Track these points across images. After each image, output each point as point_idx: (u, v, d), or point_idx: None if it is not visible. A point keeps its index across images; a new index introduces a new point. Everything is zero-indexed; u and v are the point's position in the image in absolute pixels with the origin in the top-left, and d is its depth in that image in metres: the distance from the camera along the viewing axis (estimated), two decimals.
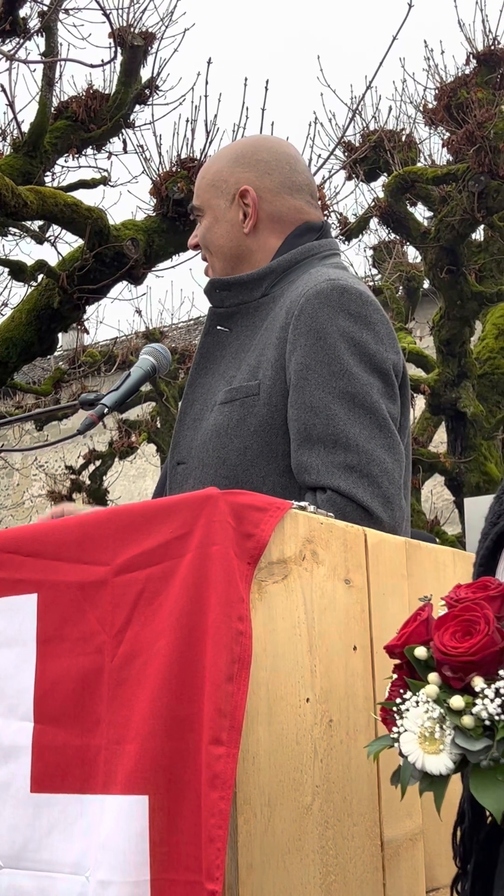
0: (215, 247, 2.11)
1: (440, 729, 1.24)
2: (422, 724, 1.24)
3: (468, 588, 1.30)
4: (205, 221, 2.12)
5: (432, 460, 8.33)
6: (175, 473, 2.05)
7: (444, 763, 1.23)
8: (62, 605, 1.61)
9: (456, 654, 1.24)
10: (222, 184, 2.09)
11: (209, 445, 1.97)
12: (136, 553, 1.55)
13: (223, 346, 2.06)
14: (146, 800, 1.45)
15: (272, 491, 1.89)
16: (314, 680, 1.57)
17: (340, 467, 1.86)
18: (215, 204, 2.10)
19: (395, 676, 1.35)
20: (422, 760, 1.24)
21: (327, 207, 7.04)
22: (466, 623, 1.25)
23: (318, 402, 1.87)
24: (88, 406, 2.05)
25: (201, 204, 2.13)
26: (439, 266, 7.89)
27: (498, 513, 1.48)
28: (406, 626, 1.34)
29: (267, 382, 1.93)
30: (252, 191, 2.07)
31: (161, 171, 6.44)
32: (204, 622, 1.46)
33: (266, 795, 1.47)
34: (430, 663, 1.28)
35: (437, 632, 1.26)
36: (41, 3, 6.70)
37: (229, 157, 2.13)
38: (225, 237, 2.09)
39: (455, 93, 8.19)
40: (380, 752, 1.36)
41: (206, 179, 2.12)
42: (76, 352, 9.64)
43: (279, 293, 2.02)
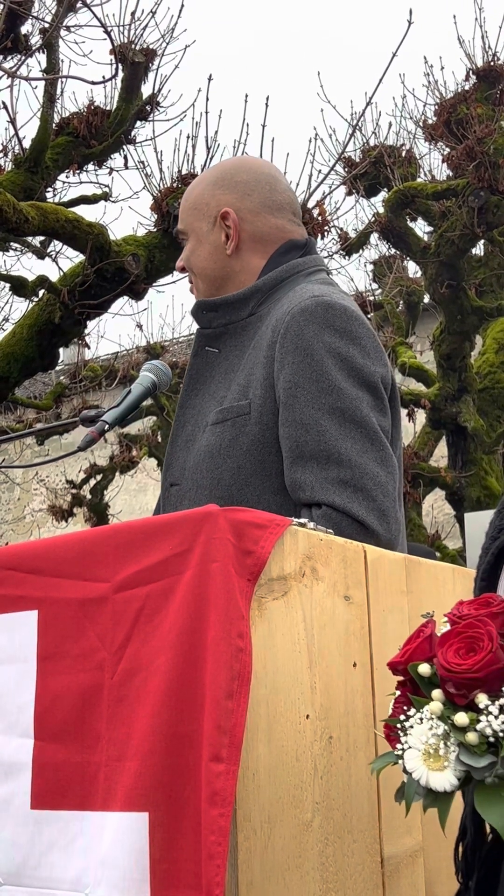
0: (199, 269, 2.13)
1: (444, 745, 1.24)
2: (426, 740, 1.25)
3: (471, 604, 1.30)
4: (189, 244, 2.15)
5: (433, 475, 8.34)
6: (169, 495, 2.06)
7: (449, 780, 1.23)
8: (63, 621, 1.62)
9: (460, 670, 1.24)
10: (204, 206, 2.12)
11: (202, 466, 1.98)
12: (137, 570, 1.56)
13: (212, 366, 2.08)
14: (146, 817, 1.45)
15: (267, 509, 1.86)
16: (314, 697, 1.57)
17: (334, 482, 1.87)
18: (198, 227, 2.12)
19: (397, 693, 1.35)
20: (426, 777, 1.24)
21: (328, 223, 7.06)
22: (470, 640, 1.25)
23: (309, 418, 1.88)
24: (89, 423, 2.05)
25: (185, 227, 2.16)
26: (439, 281, 7.91)
27: (499, 527, 1.48)
28: (409, 642, 1.34)
29: (257, 402, 1.95)
30: (233, 212, 2.09)
31: (162, 187, 6.46)
32: (204, 639, 1.46)
33: (266, 812, 1.47)
34: (433, 680, 1.28)
35: (441, 648, 1.27)
36: (43, 21, 6.74)
37: (210, 180, 2.15)
38: (208, 259, 2.11)
39: (455, 108, 8.22)
40: (382, 769, 1.36)
41: (189, 203, 2.15)
42: (77, 366, 9.66)
43: (266, 312, 2.04)
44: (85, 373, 9.61)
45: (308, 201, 6.61)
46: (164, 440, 10.20)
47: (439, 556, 8.12)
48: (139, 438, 10.65)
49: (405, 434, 8.84)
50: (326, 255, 8.26)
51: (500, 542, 1.46)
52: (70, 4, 6.57)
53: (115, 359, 10.44)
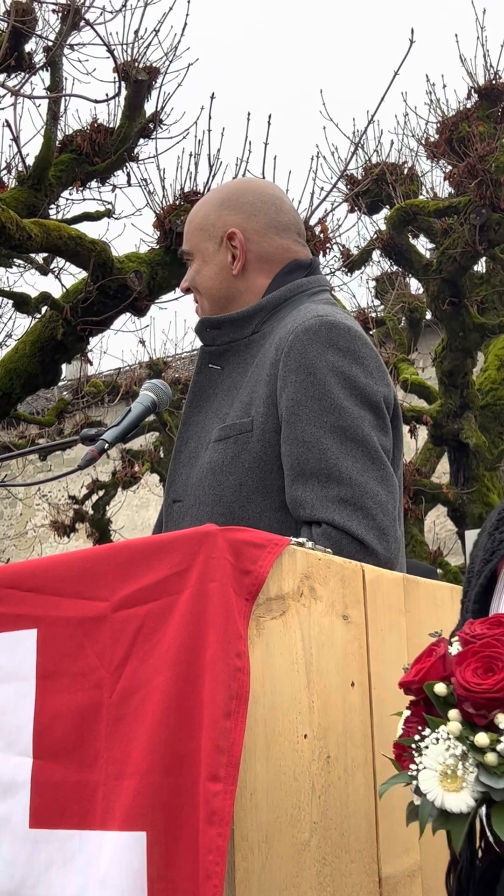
0: (205, 288, 2.15)
1: (462, 766, 1.23)
2: (443, 761, 1.24)
3: (483, 624, 1.30)
4: (194, 265, 2.17)
5: (435, 491, 8.33)
6: (171, 511, 2.08)
7: (466, 801, 1.23)
8: (62, 640, 1.62)
9: (479, 690, 1.23)
10: (210, 227, 2.13)
11: (205, 483, 2.00)
12: (136, 589, 1.56)
13: (215, 384, 2.09)
14: (144, 836, 1.45)
15: (268, 526, 1.89)
16: (312, 716, 1.57)
17: (334, 501, 1.88)
18: (203, 247, 2.14)
19: (408, 713, 1.34)
20: (441, 798, 1.24)
21: (330, 240, 7.08)
22: (488, 659, 1.25)
23: (310, 436, 1.90)
24: (89, 441, 2.06)
25: (191, 248, 2.18)
26: (441, 298, 7.92)
27: (491, 549, 1.48)
28: (420, 661, 1.33)
29: (259, 419, 1.96)
30: (239, 233, 2.11)
31: (165, 205, 6.48)
32: (202, 658, 1.47)
33: (264, 832, 1.47)
34: (449, 700, 1.27)
35: (459, 668, 1.26)
36: (46, 39, 6.78)
37: (215, 201, 2.17)
38: (214, 279, 2.13)
39: (456, 126, 8.26)
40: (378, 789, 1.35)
41: (194, 224, 2.17)
42: (80, 382, 9.68)
43: (269, 330, 2.05)
44: (87, 389, 9.62)
45: (310, 218, 6.64)
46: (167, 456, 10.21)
47: (441, 573, 8.12)
48: (141, 454, 10.65)
49: (407, 450, 8.85)
50: (329, 271, 8.28)
51: (493, 565, 1.47)
52: (74, 23, 6.61)
53: (117, 375, 10.45)
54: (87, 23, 6.64)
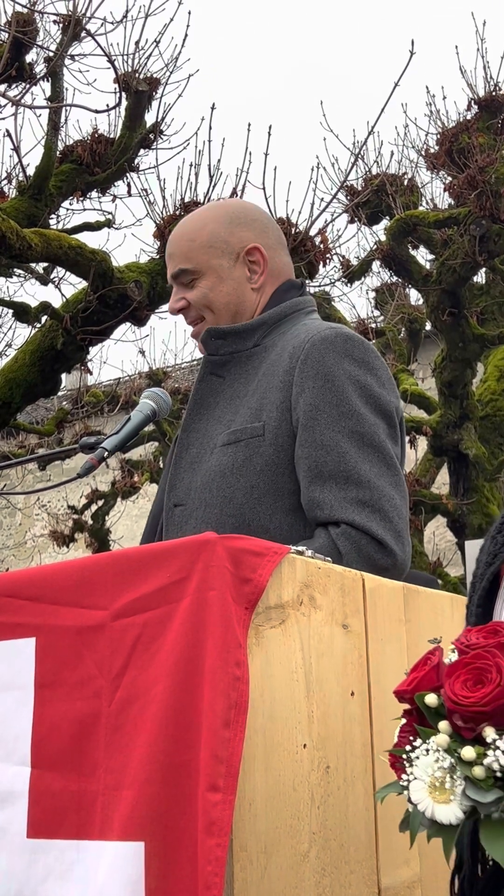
0: (221, 305, 2.16)
1: (450, 779, 1.22)
2: (432, 773, 1.23)
3: (479, 632, 1.29)
4: (204, 282, 2.17)
5: (434, 502, 8.33)
6: (172, 515, 2.08)
7: (455, 813, 1.22)
8: (60, 649, 1.61)
9: (467, 703, 1.22)
10: (223, 244, 2.17)
11: (212, 485, 2.02)
12: (134, 597, 1.56)
13: (217, 393, 2.12)
14: (142, 846, 1.44)
15: (279, 528, 1.96)
16: (311, 726, 1.56)
17: (353, 502, 1.93)
18: (217, 264, 2.16)
19: (403, 721, 1.34)
20: (431, 809, 1.23)
21: (330, 250, 7.08)
22: (478, 671, 1.23)
23: (329, 440, 1.95)
24: (89, 450, 2.06)
25: (197, 266, 2.17)
26: (441, 308, 7.93)
27: (493, 552, 1.47)
28: (416, 670, 1.32)
29: (272, 424, 2.00)
30: (262, 248, 2.17)
31: (165, 215, 6.50)
32: (201, 667, 1.46)
33: (262, 842, 1.47)
34: (440, 711, 1.26)
35: (448, 679, 1.25)
36: (47, 50, 6.80)
37: (222, 218, 2.20)
38: (233, 294, 2.16)
39: (456, 138, 8.28)
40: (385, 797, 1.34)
41: (200, 242, 2.17)
42: (79, 392, 9.68)
43: (270, 343, 2.10)
44: (87, 398, 9.63)
45: (310, 229, 6.65)
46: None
47: (441, 584, 8.10)
48: (141, 464, 10.65)
49: (406, 461, 8.82)
50: (329, 282, 8.29)
51: (495, 567, 1.46)
52: (75, 34, 6.63)
53: (117, 384, 10.46)
54: (88, 33, 6.66)
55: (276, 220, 6.67)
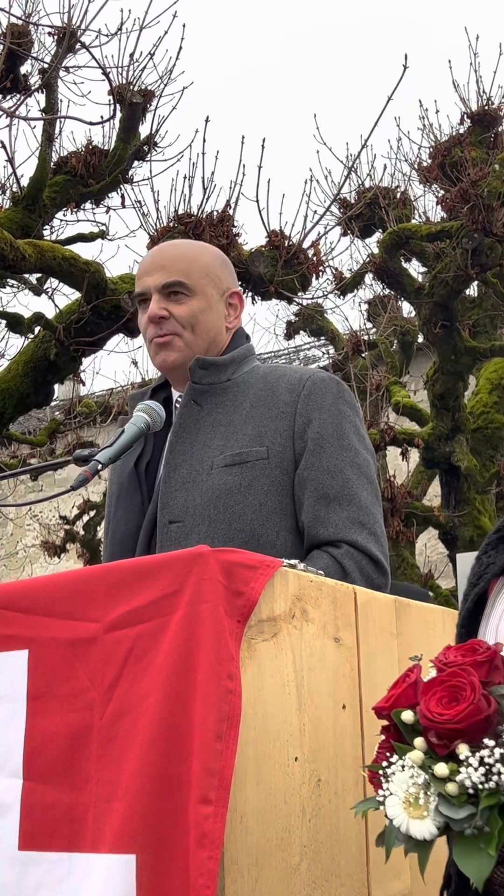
0: (204, 329, 2.28)
1: (424, 795, 1.23)
2: (406, 789, 1.24)
3: (457, 651, 1.30)
4: (194, 302, 2.26)
5: (426, 514, 8.33)
6: (168, 532, 2.14)
7: (429, 829, 1.23)
8: (53, 661, 1.62)
9: (441, 720, 1.23)
10: (216, 278, 2.31)
11: (218, 503, 2.13)
12: (127, 610, 1.56)
13: (197, 420, 2.23)
14: (134, 859, 1.44)
15: (284, 545, 2.11)
16: (303, 739, 1.57)
17: (355, 523, 2.14)
18: (210, 293, 2.29)
19: (383, 737, 1.35)
20: (406, 825, 1.24)
21: (322, 263, 7.10)
22: (453, 689, 1.24)
23: (334, 467, 2.17)
24: (82, 462, 2.06)
25: (193, 285, 2.26)
26: (433, 321, 7.95)
27: (478, 574, 1.49)
28: (395, 687, 1.33)
29: (276, 448, 2.17)
30: (241, 295, 2.37)
31: (158, 227, 6.50)
32: (193, 680, 1.46)
33: (254, 855, 1.47)
34: (416, 727, 1.28)
35: (424, 697, 1.26)
36: (42, 61, 6.81)
37: (215, 256, 2.36)
38: (215, 325, 2.30)
39: (449, 151, 8.31)
40: (367, 812, 1.35)
41: (199, 266, 2.28)
42: (72, 402, 9.67)
43: (241, 380, 2.27)
44: (80, 409, 9.61)
45: (304, 241, 6.66)
46: None
47: (432, 596, 8.11)
48: None
49: (398, 472, 8.85)
50: (321, 294, 8.31)
51: (480, 588, 1.47)
52: (69, 46, 6.64)
53: (109, 395, 10.45)
54: (82, 45, 6.68)
55: (270, 233, 6.71)
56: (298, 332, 9.78)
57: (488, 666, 1.27)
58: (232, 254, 6.21)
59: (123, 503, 2.28)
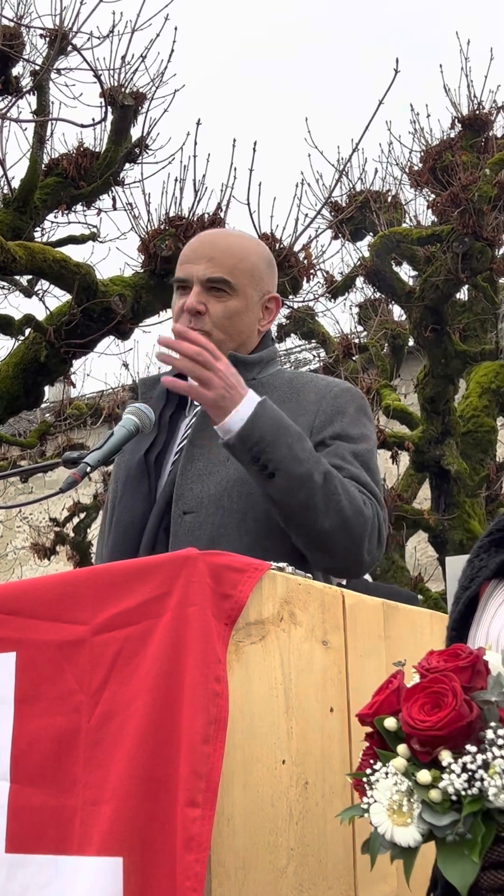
0: (237, 331, 2.27)
1: (408, 802, 1.23)
2: (391, 796, 1.24)
3: (440, 656, 1.30)
4: (233, 302, 2.25)
5: (416, 517, 8.33)
6: (182, 523, 2.14)
7: (413, 836, 1.23)
8: (41, 663, 1.62)
9: (423, 727, 1.23)
10: (259, 280, 2.30)
11: (233, 491, 2.13)
12: (115, 612, 1.56)
13: None
14: (121, 862, 1.44)
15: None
16: (290, 742, 1.57)
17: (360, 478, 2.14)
18: (250, 294, 2.28)
19: (367, 744, 1.34)
20: (391, 832, 1.24)
21: (314, 266, 7.11)
22: (435, 695, 1.24)
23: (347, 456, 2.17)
24: (72, 464, 2.06)
25: (237, 284, 2.25)
26: (424, 325, 7.95)
27: (470, 577, 1.49)
28: (378, 693, 1.33)
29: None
30: (279, 300, 2.35)
31: (149, 229, 6.50)
32: (181, 683, 1.47)
33: (241, 858, 1.47)
34: (399, 734, 1.27)
35: (406, 703, 1.26)
36: (34, 63, 6.81)
37: (263, 257, 2.34)
38: (250, 327, 2.30)
39: (440, 156, 8.32)
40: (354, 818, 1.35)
41: (245, 267, 2.27)
42: (62, 404, 9.65)
43: (266, 381, 2.27)
44: (70, 411, 9.60)
45: (295, 244, 6.67)
46: None
47: (422, 599, 8.11)
48: None
49: (388, 476, 8.85)
50: (312, 297, 8.31)
51: (471, 592, 1.47)
52: (61, 48, 6.64)
53: (100, 397, 10.44)
54: (74, 48, 6.67)
55: (261, 236, 6.71)
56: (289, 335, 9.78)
57: (470, 671, 1.26)
58: None
59: (130, 489, 2.25)
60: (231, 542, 2.05)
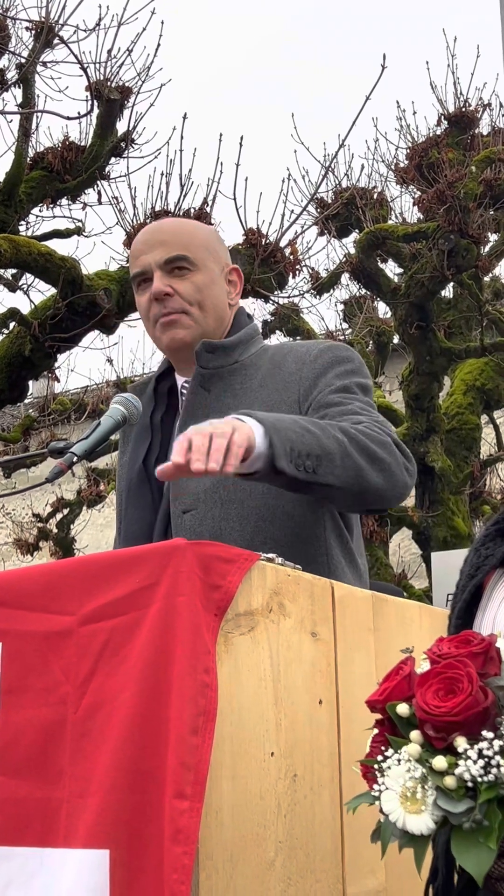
0: (213, 303, 2.22)
1: (422, 789, 1.22)
2: (403, 783, 1.22)
3: (451, 642, 1.29)
4: (198, 276, 2.20)
5: (400, 514, 8.34)
6: (182, 522, 2.10)
7: (426, 823, 1.21)
8: (27, 654, 1.60)
9: (439, 713, 1.21)
10: (216, 253, 2.25)
11: (227, 483, 2.05)
12: (103, 603, 1.55)
13: (205, 406, 2.16)
14: (107, 854, 1.43)
15: (302, 515, 2.05)
16: (279, 734, 1.56)
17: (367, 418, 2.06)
18: (211, 267, 2.23)
19: (375, 731, 1.33)
20: (403, 820, 1.22)
21: (299, 262, 7.09)
22: (449, 681, 1.23)
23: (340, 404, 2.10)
24: (57, 454, 2.04)
25: (196, 258, 2.20)
26: (409, 322, 7.96)
27: (476, 565, 1.47)
28: (388, 679, 1.31)
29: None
30: (240, 271, 2.29)
31: (135, 223, 6.48)
32: (169, 674, 1.45)
33: (229, 851, 1.46)
34: (412, 720, 1.26)
35: (420, 689, 1.24)
36: (19, 56, 6.77)
37: (212, 232, 2.31)
38: (220, 300, 2.24)
39: (426, 153, 8.33)
40: (343, 808, 1.34)
41: (200, 240, 2.23)
42: (46, 399, 9.62)
43: (248, 363, 2.21)
44: (54, 406, 9.57)
45: (280, 240, 6.65)
46: None
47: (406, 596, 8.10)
48: (107, 473, 10.60)
49: None
50: (298, 293, 8.30)
51: (478, 580, 1.46)
52: (47, 40, 6.61)
53: (84, 392, 10.40)
54: (60, 40, 6.64)
55: (247, 231, 6.70)
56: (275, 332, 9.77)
57: (483, 657, 1.25)
58: None
59: (134, 501, 2.22)
60: (233, 533, 2.02)
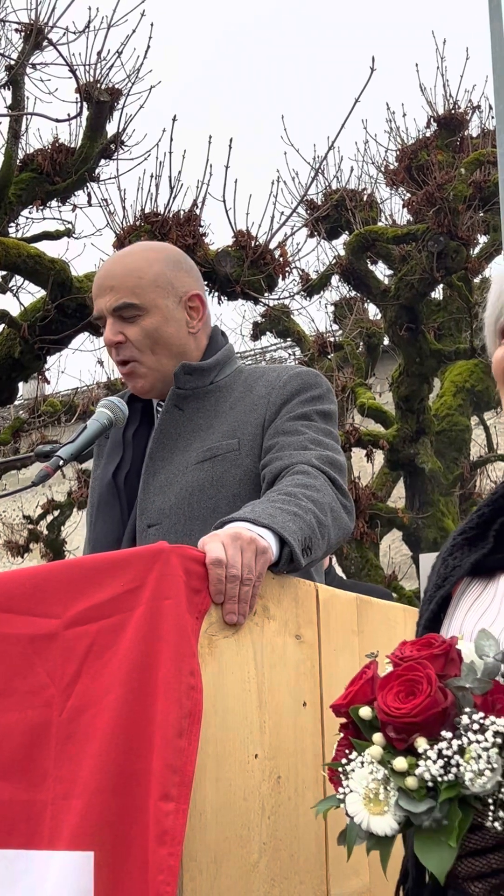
0: (165, 343, 2.23)
1: (384, 790, 1.23)
2: (366, 785, 1.24)
3: (413, 645, 1.30)
4: (150, 320, 2.22)
5: (390, 515, 8.36)
6: (146, 536, 2.11)
7: (389, 824, 1.23)
8: (12, 657, 1.60)
9: (399, 714, 1.23)
10: (168, 286, 2.25)
11: (192, 500, 2.10)
12: (88, 606, 1.55)
13: (178, 424, 2.20)
14: (92, 856, 1.43)
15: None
16: (263, 736, 1.57)
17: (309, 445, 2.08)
18: (163, 304, 2.23)
19: (341, 735, 1.34)
20: (367, 821, 1.24)
21: (289, 264, 7.11)
22: (409, 683, 1.24)
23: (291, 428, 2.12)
24: (44, 458, 2.05)
25: (144, 303, 2.22)
26: (399, 323, 7.98)
27: (444, 576, 1.48)
28: (352, 684, 1.33)
29: (247, 438, 2.14)
30: (202, 296, 2.29)
31: (125, 225, 6.49)
32: (154, 676, 1.46)
33: (213, 852, 1.47)
34: (374, 723, 1.27)
35: (381, 692, 1.26)
36: (8, 58, 6.77)
37: (166, 261, 2.29)
38: (176, 336, 2.24)
39: (416, 155, 8.35)
40: (328, 811, 1.35)
41: (148, 279, 2.23)
42: (36, 401, 9.62)
43: (224, 383, 2.25)
44: (44, 408, 9.56)
45: (270, 242, 6.67)
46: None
47: (396, 597, 8.12)
48: None
49: (363, 474, 8.88)
50: (288, 295, 8.32)
51: (445, 591, 1.47)
52: (36, 43, 6.61)
53: (74, 394, 10.40)
54: (49, 42, 6.65)
55: (237, 233, 6.71)
56: (265, 333, 9.79)
57: (444, 659, 1.26)
58: (198, 253, 6.21)
59: (102, 514, 2.25)
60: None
